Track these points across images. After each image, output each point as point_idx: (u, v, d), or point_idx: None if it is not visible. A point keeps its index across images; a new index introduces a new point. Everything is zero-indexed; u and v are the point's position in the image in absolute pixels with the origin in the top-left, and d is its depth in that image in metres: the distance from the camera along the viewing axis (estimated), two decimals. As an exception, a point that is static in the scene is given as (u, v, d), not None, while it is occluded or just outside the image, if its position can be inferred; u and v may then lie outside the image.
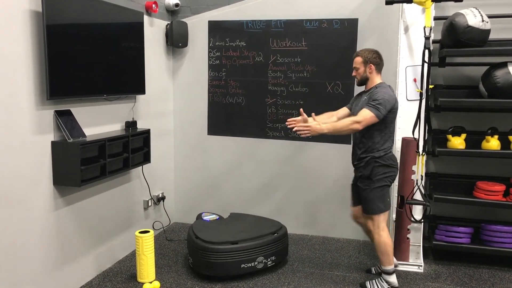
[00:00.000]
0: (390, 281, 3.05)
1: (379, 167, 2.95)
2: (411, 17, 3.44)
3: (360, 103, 3.03)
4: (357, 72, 3.06)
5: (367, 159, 2.98)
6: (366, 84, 3.06)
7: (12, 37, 2.47)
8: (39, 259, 2.77)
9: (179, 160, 4.55)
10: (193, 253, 3.33)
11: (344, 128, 2.85)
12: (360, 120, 2.83)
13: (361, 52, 3.05)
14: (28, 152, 2.62)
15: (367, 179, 2.99)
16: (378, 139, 2.95)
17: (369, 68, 3.00)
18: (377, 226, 3.01)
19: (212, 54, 4.32)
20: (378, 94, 2.89)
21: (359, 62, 3.03)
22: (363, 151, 3.01)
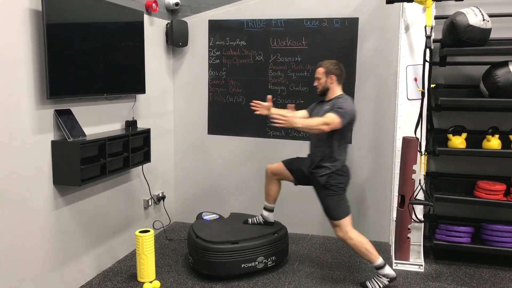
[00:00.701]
0: (387, 274, 3.07)
1: (335, 177, 3.08)
2: (411, 16, 3.44)
3: (322, 112, 3.08)
4: (319, 82, 3.15)
5: (323, 170, 3.09)
6: (327, 94, 3.14)
7: (12, 36, 2.46)
8: (39, 259, 2.76)
9: (179, 159, 4.55)
10: (193, 253, 3.33)
11: (314, 126, 2.95)
12: (329, 122, 2.93)
13: (323, 63, 3.15)
14: (28, 151, 2.61)
15: (322, 188, 3.12)
16: (336, 148, 3.06)
17: (330, 79, 3.09)
18: (345, 231, 3.09)
19: (212, 54, 4.31)
20: (342, 103, 3.01)
21: (321, 73, 3.13)
22: (320, 159, 3.11)
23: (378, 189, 4.04)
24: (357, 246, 3.08)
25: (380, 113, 3.94)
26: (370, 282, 3.12)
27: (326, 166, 3.09)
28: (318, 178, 3.11)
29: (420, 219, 3.37)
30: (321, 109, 3.14)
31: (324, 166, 3.09)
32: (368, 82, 3.94)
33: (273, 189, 3.46)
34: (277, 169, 3.40)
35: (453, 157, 3.78)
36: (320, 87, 3.16)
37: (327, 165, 3.08)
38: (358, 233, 3.11)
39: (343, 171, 3.12)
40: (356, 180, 4.10)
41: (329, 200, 3.11)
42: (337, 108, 2.97)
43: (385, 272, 3.07)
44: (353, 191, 4.11)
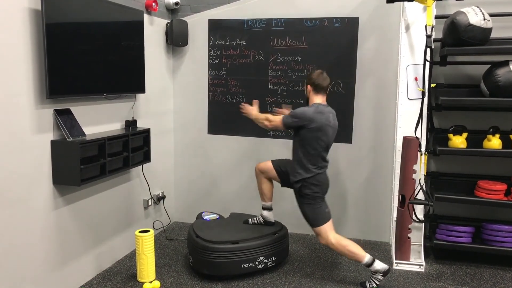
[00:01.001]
0: (378, 269, 3.07)
1: (309, 186, 3.12)
2: (412, 15, 3.43)
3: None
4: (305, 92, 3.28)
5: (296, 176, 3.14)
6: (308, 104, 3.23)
7: (11, 36, 2.45)
8: (39, 259, 2.75)
9: (179, 159, 4.54)
10: (193, 253, 3.32)
11: (259, 119, 3.24)
12: (271, 119, 3.17)
13: (308, 74, 3.26)
14: (27, 151, 2.61)
15: (298, 195, 3.21)
16: (303, 156, 3.11)
17: (307, 89, 3.21)
18: (325, 237, 3.13)
19: (212, 53, 4.30)
20: (299, 108, 3.13)
21: (304, 83, 3.30)
22: (294, 166, 3.17)
23: (378, 189, 4.04)
24: (339, 250, 3.11)
25: (380, 113, 3.93)
26: (369, 282, 3.12)
27: (299, 173, 3.14)
28: (293, 184, 3.18)
29: (420, 219, 3.37)
30: None
31: (297, 173, 3.15)
32: (369, 82, 3.94)
33: (265, 187, 3.46)
34: (264, 167, 3.41)
35: (454, 156, 3.78)
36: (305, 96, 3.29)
37: (300, 171, 3.14)
38: (339, 237, 3.13)
39: (318, 181, 3.14)
40: (357, 180, 4.09)
41: (305, 207, 3.18)
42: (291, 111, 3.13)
43: (376, 268, 3.07)
44: (354, 191, 4.12)
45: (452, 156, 3.77)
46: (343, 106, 4.00)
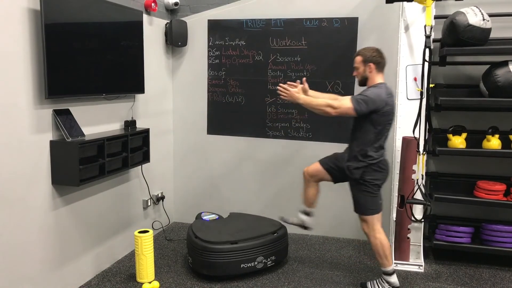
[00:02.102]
0: (391, 282, 3.03)
1: (370, 172, 2.92)
2: (411, 15, 3.43)
3: None
4: (357, 72, 2.99)
5: (358, 163, 2.93)
6: (367, 84, 2.98)
7: (10, 35, 2.45)
8: (37, 259, 2.75)
9: (178, 159, 4.54)
10: (192, 253, 3.32)
11: (317, 107, 2.88)
12: (336, 106, 2.82)
13: (361, 51, 2.98)
14: (26, 151, 2.60)
15: (356, 182, 2.97)
16: (371, 141, 2.89)
17: (368, 68, 2.92)
18: (372, 228, 2.99)
19: (211, 53, 4.30)
20: (368, 91, 2.86)
21: (359, 62, 2.96)
22: (356, 152, 2.94)
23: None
24: (377, 246, 2.98)
25: (379, 113, 3.93)
26: (372, 283, 3.11)
27: (361, 160, 2.91)
28: (353, 170, 2.94)
29: (418, 219, 3.36)
30: None
31: (359, 160, 2.92)
32: (368, 82, 3.93)
33: (311, 192, 3.27)
34: (314, 170, 3.21)
35: (453, 157, 3.78)
36: (359, 77, 2.99)
37: (363, 158, 2.91)
38: (384, 234, 3.00)
39: (380, 167, 2.92)
40: (356, 180, 4.09)
41: (361, 196, 2.97)
42: (359, 94, 2.84)
43: (390, 280, 3.03)
44: (353, 191, 4.11)
45: (452, 157, 3.77)
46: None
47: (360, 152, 2.92)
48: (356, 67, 2.99)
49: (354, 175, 2.95)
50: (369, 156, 2.90)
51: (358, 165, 2.93)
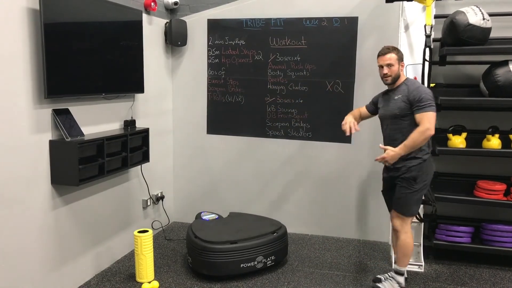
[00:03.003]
0: (401, 282, 3.05)
1: (424, 169, 2.89)
2: (411, 15, 3.42)
3: (393, 103, 2.93)
4: (390, 70, 2.89)
5: (415, 161, 2.87)
6: (396, 82, 2.95)
7: (10, 35, 2.45)
8: (37, 259, 2.75)
9: (178, 159, 4.53)
10: (192, 253, 3.32)
11: (417, 141, 2.78)
12: (429, 126, 2.75)
13: (392, 49, 2.91)
14: (25, 151, 2.60)
15: (411, 181, 2.89)
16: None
17: (401, 66, 2.92)
18: (406, 224, 2.99)
19: (211, 53, 4.30)
20: (419, 92, 2.81)
21: (394, 59, 2.88)
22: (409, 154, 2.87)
23: (378, 189, 4.02)
24: (406, 245, 2.98)
25: (379, 113, 3.92)
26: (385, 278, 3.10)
27: (417, 156, 2.87)
28: (411, 168, 2.87)
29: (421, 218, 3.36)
30: (390, 100, 2.97)
31: (415, 157, 2.87)
32: (368, 82, 3.93)
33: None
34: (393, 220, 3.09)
35: (453, 156, 3.77)
36: (393, 75, 2.90)
37: (417, 155, 2.87)
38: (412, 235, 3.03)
39: (431, 164, 2.93)
40: (356, 180, 4.09)
41: (410, 196, 2.90)
42: (419, 101, 2.78)
43: (400, 280, 3.05)
44: (353, 191, 4.11)
45: (452, 156, 3.77)
46: (342, 105, 3.99)
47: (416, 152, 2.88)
48: (391, 64, 2.89)
49: (411, 173, 2.88)
50: (423, 150, 2.89)
51: (416, 162, 2.88)
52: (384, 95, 3.10)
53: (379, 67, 2.97)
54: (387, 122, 3.03)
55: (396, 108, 2.91)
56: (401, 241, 3.00)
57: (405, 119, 2.88)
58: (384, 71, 2.92)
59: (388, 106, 3.00)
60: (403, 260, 3.03)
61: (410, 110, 2.85)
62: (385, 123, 3.05)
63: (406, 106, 2.86)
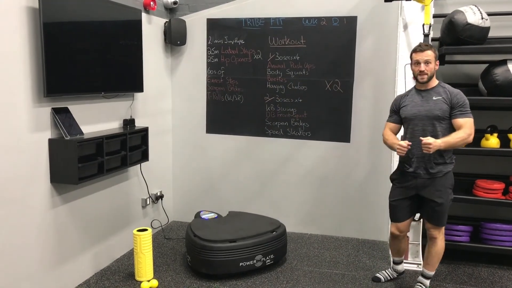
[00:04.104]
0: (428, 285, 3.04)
1: (452, 177, 2.84)
2: (410, 14, 3.43)
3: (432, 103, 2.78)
4: (428, 68, 2.76)
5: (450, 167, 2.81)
6: (428, 82, 2.82)
7: (9, 34, 2.45)
8: (36, 258, 2.75)
9: (177, 158, 4.54)
10: (191, 252, 3.32)
11: (459, 143, 2.69)
12: (472, 132, 2.70)
13: (430, 46, 2.77)
14: (25, 149, 2.60)
15: (448, 189, 2.81)
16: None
17: (436, 65, 2.81)
18: (443, 232, 2.92)
19: (210, 52, 4.30)
20: (462, 97, 2.75)
21: (433, 56, 2.75)
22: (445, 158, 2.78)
23: (376, 188, 4.04)
24: (442, 250, 2.93)
25: (378, 112, 3.93)
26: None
27: (449, 162, 2.79)
28: (447, 175, 2.78)
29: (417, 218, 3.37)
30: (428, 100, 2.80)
31: (447, 163, 2.78)
32: (367, 81, 3.94)
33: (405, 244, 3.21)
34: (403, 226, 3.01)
35: (452, 156, 3.78)
36: (429, 73, 2.77)
37: (450, 160, 2.79)
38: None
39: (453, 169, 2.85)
40: (355, 179, 4.09)
41: (447, 205, 2.81)
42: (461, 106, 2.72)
43: (427, 284, 3.03)
44: (352, 190, 4.12)
45: (450, 155, 3.77)
46: (341, 105, 4.00)
47: (446, 154, 2.79)
48: (429, 60, 2.75)
49: (447, 181, 2.79)
50: (453, 157, 2.84)
51: (448, 168, 2.80)
52: (412, 95, 2.90)
53: (414, 63, 2.81)
54: (418, 123, 2.82)
55: (438, 108, 2.76)
56: (438, 247, 2.92)
57: (443, 123, 2.76)
58: (421, 68, 2.76)
59: (424, 106, 2.81)
60: (436, 266, 2.97)
61: (449, 113, 2.75)
62: (416, 124, 2.83)
63: (447, 108, 2.75)
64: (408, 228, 3.04)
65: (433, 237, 2.92)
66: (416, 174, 2.84)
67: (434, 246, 2.93)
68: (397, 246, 3.14)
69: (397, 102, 2.98)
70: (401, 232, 3.02)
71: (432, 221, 2.87)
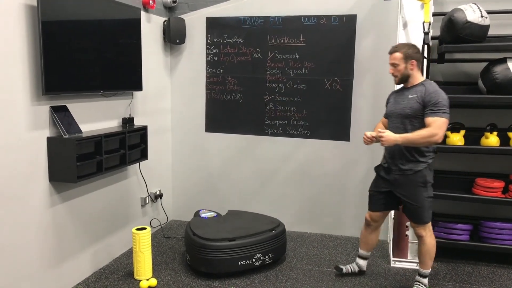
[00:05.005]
0: (426, 283, 3.03)
1: (430, 173, 2.83)
2: (409, 12, 3.42)
3: (406, 101, 2.82)
4: (396, 70, 2.83)
5: (421, 164, 2.81)
6: (408, 81, 2.86)
7: (7, 32, 2.44)
8: (35, 256, 2.74)
9: (176, 157, 4.53)
10: (190, 250, 3.31)
11: (420, 140, 2.67)
12: (439, 131, 2.64)
13: (399, 47, 2.83)
14: (23, 148, 2.60)
15: (418, 187, 2.82)
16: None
17: (410, 65, 2.80)
18: (429, 229, 2.91)
19: (209, 51, 4.29)
20: (437, 96, 2.71)
21: (399, 58, 2.80)
22: (415, 151, 2.80)
23: (376, 186, 4.03)
24: (432, 246, 2.92)
25: (378, 110, 3.91)
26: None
27: (421, 160, 2.79)
28: (417, 174, 2.79)
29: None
30: (404, 98, 2.85)
31: (419, 161, 2.79)
32: (366, 79, 3.93)
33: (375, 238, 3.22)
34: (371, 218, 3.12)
35: (451, 154, 3.77)
36: (399, 75, 2.83)
37: (421, 159, 2.79)
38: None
39: (433, 165, 2.85)
40: (354, 178, 4.09)
41: (426, 201, 2.81)
42: (434, 105, 2.68)
43: (426, 282, 3.02)
44: (351, 189, 4.11)
45: (450, 154, 3.77)
46: (341, 103, 4.00)
47: (417, 153, 2.80)
48: (396, 64, 2.82)
49: (418, 178, 2.80)
50: (428, 155, 2.81)
51: (420, 167, 2.80)
52: (398, 92, 2.98)
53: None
54: (393, 120, 2.91)
55: (408, 107, 2.79)
56: (427, 245, 2.91)
57: (414, 121, 2.78)
58: (390, 71, 2.88)
59: (399, 103, 2.88)
60: (429, 263, 2.97)
61: (422, 112, 2.74)
62: (391, 121, 2.93)
63: (419, 107, 2.75)
64: (381, 220, 3.12)
65: (419, 236, 2.93)
66: (389, 169, 2.94)
67: (423, 245, 2.95)
68: (367, 236, 3.19)
69: (387, 98, 3.11)
70: (373, 220, 3.12)
71: (413, 220, 2.91)
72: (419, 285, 3.01)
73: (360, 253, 3.28)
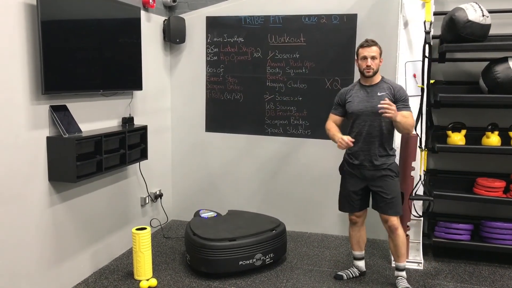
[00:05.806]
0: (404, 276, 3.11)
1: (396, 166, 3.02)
2: (410, 12, 3.41)
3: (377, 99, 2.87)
4: (374, 63, 2.88)
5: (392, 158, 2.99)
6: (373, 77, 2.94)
7: (6, 30, 2.43)
8: (34, 256, 2.73)
9: (176, 157, 4.52)
10: (190, 250, 3.30)
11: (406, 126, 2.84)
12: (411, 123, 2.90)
13: (375, 42, 2.91)
14: (23, 147, 2.58)
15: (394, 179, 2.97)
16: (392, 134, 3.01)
17: (380, 61, 2.93)
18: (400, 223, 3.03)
19: (210, 50, 4.28)
20: (404, 92, 2.94)
21: (377, 52, 2.89)
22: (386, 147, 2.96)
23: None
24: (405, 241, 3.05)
25: (378, 110, 3.92)
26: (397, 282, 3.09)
27: (392, 154, 2.99)
28: (392, 166, 2.96)
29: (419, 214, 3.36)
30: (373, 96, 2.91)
31: (390, 155, 2.98)
32: (367, 79, 3.92)
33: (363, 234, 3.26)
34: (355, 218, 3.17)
35: (452, 154, 3.76)
36: (375, 68, 2.89)
37: (392, 153, 2.99)
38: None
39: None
40: (355, 177, 4.07)
41: (399, 192, 2.98)
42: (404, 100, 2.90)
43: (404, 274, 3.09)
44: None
45: (451, 153, 3.76)
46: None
47: (388, 147, 2.98)
48: (375, 57, 2.88)
49: (391, 171, 2.95)
50: (394, 148, 3.05)
51: (392, 160, 2.99)
52: (357, 90, 3.01)
53: (361, 58, 2.91)
54: (364, 118, 2.94)
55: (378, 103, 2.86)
56: (402, 237, 3.01)
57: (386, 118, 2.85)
58: (368, 63, 2.88)
59: (369, 101, 2.93)
60: (405, 255, 3.08)
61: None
62: (362, 119, 2.95)
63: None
64: (364, 214, 3.17)
65: (394, 228, 2.98)
66: (362, 166, 2.99)
67: (397, 237, 3.00)
68: (356, 234, 3.20)
69: (342, 96, 3.09)
70: (358, 217, 3.15)
71: (390, 212, 2.96)
72: (402, 279, 3.06)
73: (355, 254, 3.27)
